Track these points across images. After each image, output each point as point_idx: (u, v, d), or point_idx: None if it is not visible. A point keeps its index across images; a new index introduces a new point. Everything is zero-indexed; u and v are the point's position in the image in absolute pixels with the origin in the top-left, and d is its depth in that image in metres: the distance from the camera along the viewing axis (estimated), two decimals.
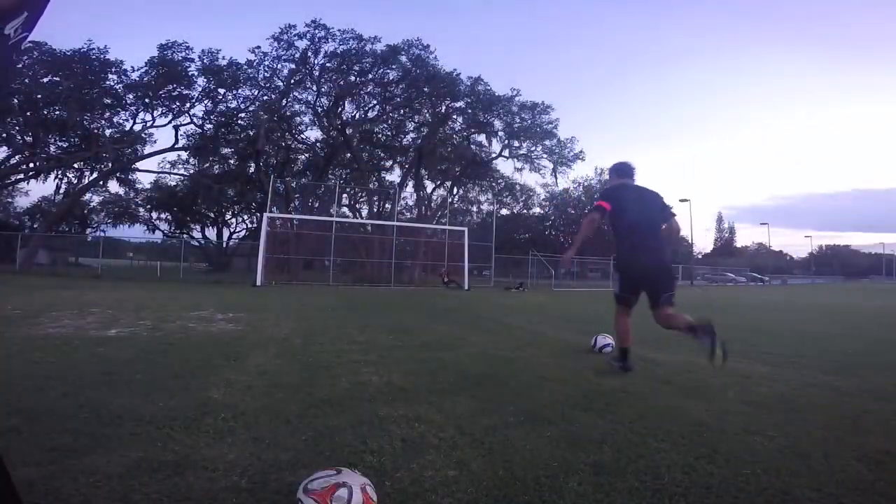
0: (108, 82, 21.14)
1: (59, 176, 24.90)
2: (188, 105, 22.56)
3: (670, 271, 3.32)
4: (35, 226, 28.23)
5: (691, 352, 4.29)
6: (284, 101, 22.96)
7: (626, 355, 3.30)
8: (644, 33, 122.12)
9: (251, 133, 22.80)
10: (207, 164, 27.15)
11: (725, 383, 3.08)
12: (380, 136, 26.13)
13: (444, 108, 24.22)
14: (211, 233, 35.53)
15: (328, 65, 21.97)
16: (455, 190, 28.86)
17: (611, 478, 1.63)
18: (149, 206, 32.34)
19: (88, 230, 31.92)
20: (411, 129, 25.95)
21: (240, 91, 22.75)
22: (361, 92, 23.34)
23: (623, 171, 3.45)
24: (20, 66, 19.31)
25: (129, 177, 27.68)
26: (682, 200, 34.97)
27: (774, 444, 1.98)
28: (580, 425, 2.17)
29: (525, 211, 37.45)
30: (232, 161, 26.63)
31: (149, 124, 22.87)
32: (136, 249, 38.99)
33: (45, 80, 20.00)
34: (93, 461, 1.63)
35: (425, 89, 22.62)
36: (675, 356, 4.07)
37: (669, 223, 3.33)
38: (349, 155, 24.27)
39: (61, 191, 25.97)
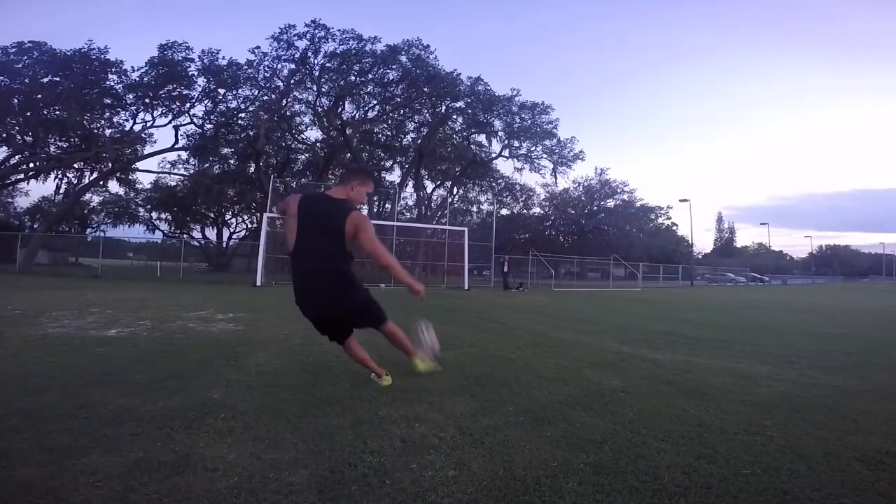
0: (108, 82, 21.08)
1: (59, 176, 24.89)
2: (188, 105, 22.50)
3: None
4: (35, 226, 28.11)
5: (692, 352, 4.30)
6: (284, 101, 22.93)
7: None
8: (645, 33, 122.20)
9: (251, 133, 22.77)
10: (207, 164, 27.12)
11: (725, 383, 3.09)
12: (380, 136, 26.14)
13: (444, 108, 24.21)
14: (211, 233, 35.46)
15: (328, 65, 21.95)
16: (455, 190, 28.92)
17: (611, 478, 1.63)
18: (149, 206, 32.30)
19: (88, 230, 31.91)
20: (411, 129, 25.99)
21: (240, 91, 22.69)
22: (361, 92, 23.32)
23: None
24: (20, 66, 19.33)
25: (129, 177, 27.67)
26: (682, 200, 34.97)
27: (774, 444, 1.98)
28: (580, 425, 2.17)
29: (525, 211, 37.46)
30: (232, 161, 26.61)
31: (149, 124, 22.83)
32: (136, 249, 38.94)
33: (45, 80, 19.97)
34: (93, 461, 1.63)
35: (425, 89, 22.61)
36: (675, 356, 4.07)
37: None
38: (349, 155, 24.26)
39: (61, 191, 25.97)
